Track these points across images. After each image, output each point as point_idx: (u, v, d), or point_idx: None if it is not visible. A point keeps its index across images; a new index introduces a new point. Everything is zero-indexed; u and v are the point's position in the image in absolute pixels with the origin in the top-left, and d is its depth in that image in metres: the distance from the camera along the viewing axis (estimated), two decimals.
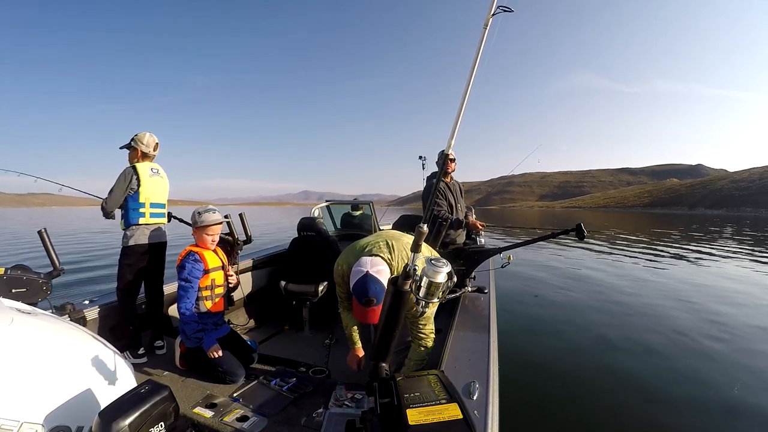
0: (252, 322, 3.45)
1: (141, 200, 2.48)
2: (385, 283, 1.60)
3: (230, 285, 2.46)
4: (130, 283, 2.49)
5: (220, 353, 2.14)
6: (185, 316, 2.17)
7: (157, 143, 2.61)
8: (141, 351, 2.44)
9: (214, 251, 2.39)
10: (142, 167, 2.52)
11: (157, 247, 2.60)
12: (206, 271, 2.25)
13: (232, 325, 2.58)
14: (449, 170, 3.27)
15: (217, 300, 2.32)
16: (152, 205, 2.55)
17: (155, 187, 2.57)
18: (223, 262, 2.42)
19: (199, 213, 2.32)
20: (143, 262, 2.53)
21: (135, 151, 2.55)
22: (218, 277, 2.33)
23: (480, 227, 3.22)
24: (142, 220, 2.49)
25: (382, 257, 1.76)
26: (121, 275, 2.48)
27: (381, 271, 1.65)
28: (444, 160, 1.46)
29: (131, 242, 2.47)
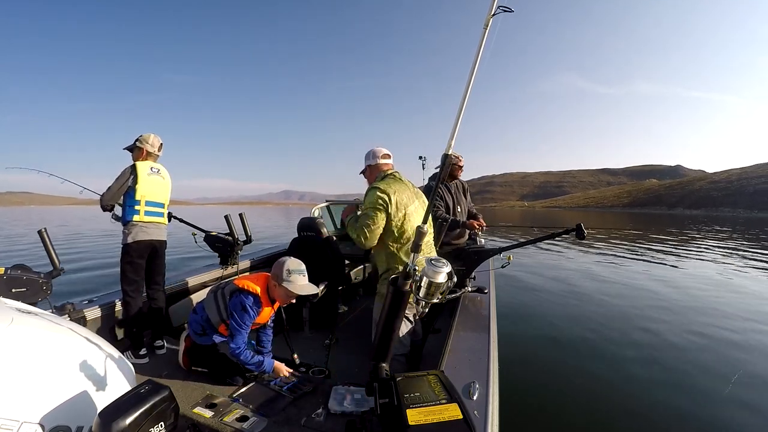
0: None
1: (137, 198, 2.48)
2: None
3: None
4: (133, 281, 2.49)
5: (287, 372, 2.11)
6: (239, 349, 1.99)
7: (161, 144, 2.65)
8: (143, 351, 2.43)
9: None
10: (142, 166, 2.52)
11: (155, 245, 2.59)
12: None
13: None
14: (458, 175, 3.28)
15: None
16: (148, 203, 2.54)
17: (153, 186, 2.57)
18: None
19: (289, 272, 2.03)
20: (143, 260, 2.54)
21: (140, 151, 2.57)
22: (266, 314, 2.21)
23: (477, 227, 3.18)
24: (136, 218, 2.49)
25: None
26: (124, 274, 2.48)
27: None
28: (444, 161, 1.45)
29: (129, 239, 2.47)
